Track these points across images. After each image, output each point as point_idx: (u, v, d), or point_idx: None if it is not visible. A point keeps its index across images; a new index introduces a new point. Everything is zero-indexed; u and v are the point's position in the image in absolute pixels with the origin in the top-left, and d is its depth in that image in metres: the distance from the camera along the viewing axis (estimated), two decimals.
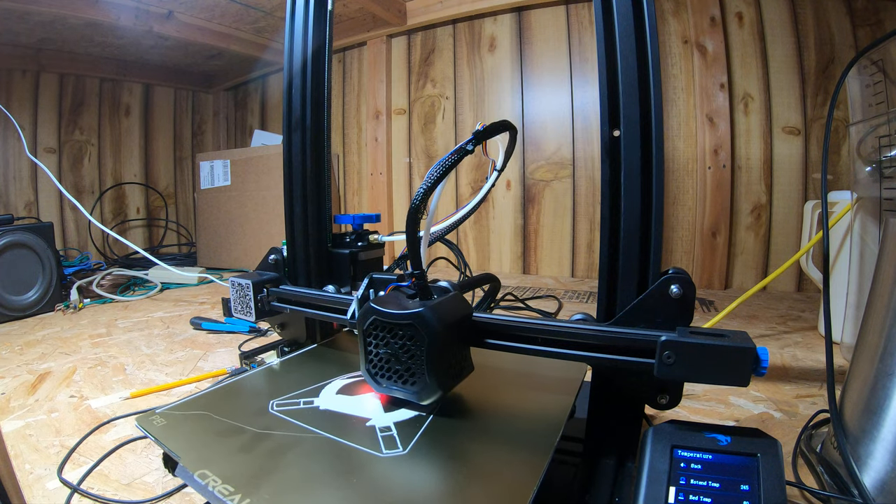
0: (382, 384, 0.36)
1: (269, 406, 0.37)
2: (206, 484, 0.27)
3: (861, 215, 0.66)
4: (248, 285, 0.51)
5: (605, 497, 0.32)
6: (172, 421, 0.35)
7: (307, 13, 0.51)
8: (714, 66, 1.20)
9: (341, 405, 0.37)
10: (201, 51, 1.72)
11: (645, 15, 0.32)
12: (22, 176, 1.60)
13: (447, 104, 1.56)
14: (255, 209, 1.55)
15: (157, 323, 0.96)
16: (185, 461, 0.30)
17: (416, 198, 0.34)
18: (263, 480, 0.28)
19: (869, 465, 0.35)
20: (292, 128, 0.52)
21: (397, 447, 0.31)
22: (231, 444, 0.32)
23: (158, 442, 0.32)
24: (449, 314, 0.34)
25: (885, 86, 0.53)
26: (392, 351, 0.34)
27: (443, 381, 0.34)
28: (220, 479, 0.28)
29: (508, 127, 0.39)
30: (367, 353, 0.36)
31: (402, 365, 0.34)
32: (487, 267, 1.54)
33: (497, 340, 0.37)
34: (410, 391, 0.34)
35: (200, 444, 0.32)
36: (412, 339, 0.33)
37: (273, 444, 0.32)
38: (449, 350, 0.34)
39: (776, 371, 0.67)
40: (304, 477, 0.29)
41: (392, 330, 0.34)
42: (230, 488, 0.27)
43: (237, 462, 0.30)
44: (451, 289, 0.37)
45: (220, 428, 0.34)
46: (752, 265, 1.22)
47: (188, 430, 0.34)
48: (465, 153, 0.34)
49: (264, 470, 0.29)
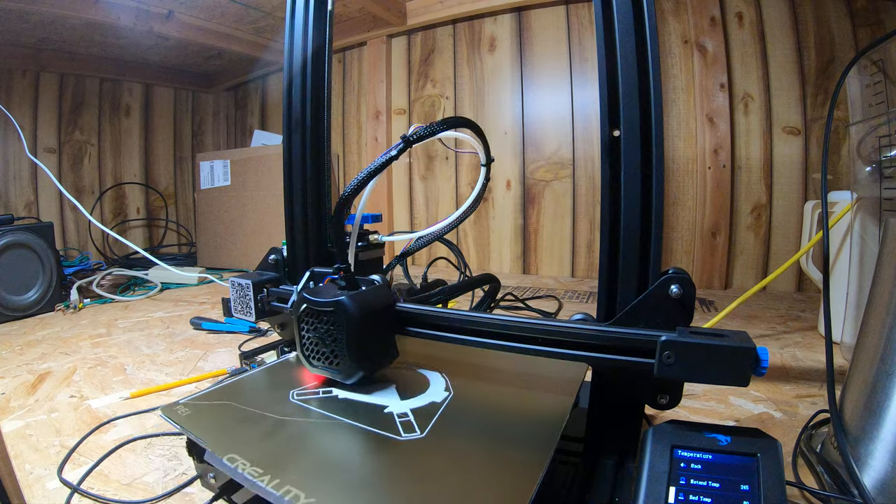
0: (314, 365, 0.39)
1: (290, 395, 0.39)
2: (235, 467, 0.29)
3: (861, 215, 0.66)
4: (248, 285, 0.51)
5: (605, 497, 0.32)
6: (196, 410, 0.36)
7: (307, 13, 0.51)
8: (714, 66, 1.20)
9: (359, 394, 0.39)
10: (201, 51, 1.72)
11: (645, 15, 0.32)
12: (22, 176, 1.60)
13: (447, 104, 1.56)
14: (255, 209, 1.55)
15: (157, 323, 0.95)
16: (213, 447, 0.31)
17: (342, 196, 0.38)
18: (289, 463, 0.29)
19: (869, 465, 0.35)
20: (292, 128, 0.52)
21: (415, 431, 0.33)
22: (255, 430, 0.33)
23: (185, 430, 0.33)
24: (369, 303, 0.37)
25: (885, 86, 0.53)
26: (319, 335, 0.37)
27: (363, 363, 0.37)
28: (248, 463, 0.29)
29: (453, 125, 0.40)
30: (301, 337, 0.39)
31: (328, 348, 0.37)
32: (487, 267, 1.54)
33: (421, 329, 0.40)
34: (335, 371, 0.37)
35: (225, 432, 0.33)
36: (334, 325, 0.36)
37: (295, 430, 0.33)
38: (368, 335, 0.37)
39: (776, 371, 0.67)
40: (328, 459, 0.30)
41: (319, 316, 0.37)
42: (259, 470, 0.28)
43: (262, 447, 0.31)
44: (379, 282, 0.41)
45: (242, 416, 0.36)
46: (752, 265, 1.22)
47: (212, 418, 0.35)
48: (391, 159, 0.38)
49: (289, 453, 0.30)
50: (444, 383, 0.40)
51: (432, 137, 0.40)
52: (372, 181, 0.39)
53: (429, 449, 0.31)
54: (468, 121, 0.43)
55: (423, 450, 0.31)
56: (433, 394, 0.38)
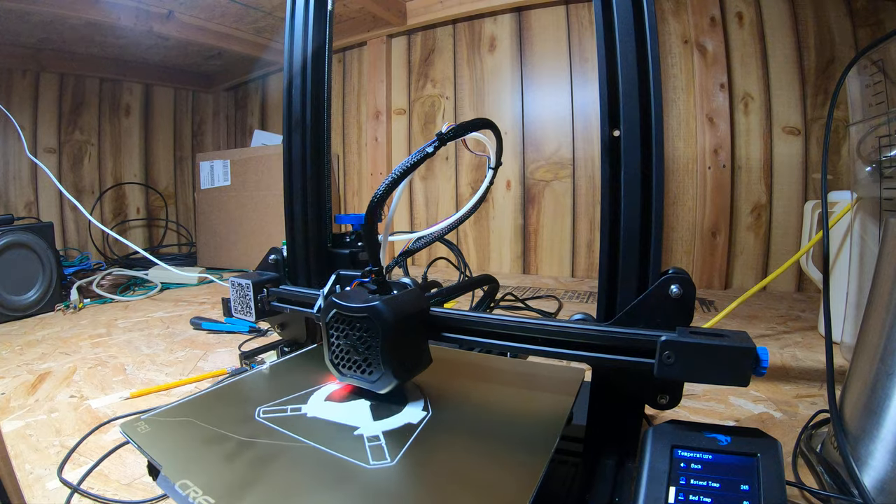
0: (344, 374, 0.37)
1: (256, 413, 0.36)
2: (186, 495, 0.27)
3: (861, 215, 0.66)
4: (248, 285, 0.51)
5: (605, 497, 0.32)
6: (157, 427, 0.34)
7: (307, 13, 0.51)
8: (714, 66, 1.20)
9: (329, 412, 0.37)
10: (201, 51, 1.72)
11: (645, 15, 0.32)
12: (22, 176, 1.60)
13: (447, 104, 1.56)
14: (255, 209, 1.55)
15: (157, 323, 0.96)
16: (167, 470, 0.29)
17: (374, 196, 0.36)
18: (246, 491, 0.27)
19: (869, 465, 0.35)
20: (292, 128, 0.52)
21: (385, 458, 0.30)
22: (215, 452, 0.31)
23: (141, 449, 0.31)
24: (403, 308, 0.36)
25: (885, 86, 0.53)
26: (351, 342, 0.36)
27: (398, 371, 0.35)
28: (201, 490, 0.27)
29: (481, 125, 0.40)
30: (330, 344, 0.37)
31: (360, 355, 0.36)
32: (487, 267, 1.54)
33: (455, 335, 0.38)
34: (368, 380, 0.36)
35: (184, 452, 0.31)
36: (368, 331, 0.35)
37: (258, 453, 0.31)
38: (403, 342, 0.36)
39: (776, 371, 0.67)
40: (288, 488, 0.28)
41: (351, 322, 0.36)
42: (210, 500, 0.26)
43: (220, 471, 0.29)
44: (411, 285, 0.39)
45: (204, 435, 0.33)
46: (752, 265, 1.22)
47: (173, 437, 0.33)
48: (426, 156, 0.36)
49: (247, 480, 0.29)
50: (422, 402, 0.38)
51: (464, 136, 0.39)
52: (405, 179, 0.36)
53: (397, 478, 0.29)
54: (493, 123, 0.42)
55: (392, 479, 0.29)
56: (409, 414, 0.36)
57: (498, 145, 0.46)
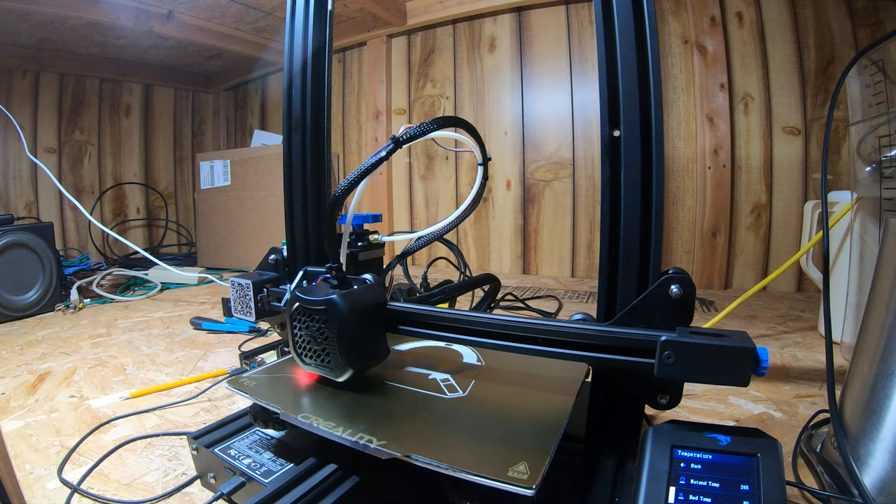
0: (306, 363, 0.40)
1: None
2: (310, 422, 0.34)
3: (861, 215, 0.66)
4: (248, 285, 0.51)
5: (605, 497, 0.32)
6: (260, 382, 0.41)
7: (307, 13, 0.51)
8: (714, 66, 1.20)
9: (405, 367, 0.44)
10: (201, 51, 1.72)
11: (645, 15, 0.32)
12: (22, 176, 1.60)
13: (447, 104, 1.56)
14: (255, 209, 1.55)
15: (157, 323, 0.96)
16: (285, 410, 0.36)
17: (333, 195, 0.39)
18: (357, 417, 0.34)
19: (869, 465, 0.35)
20: (292, 128, 0.52)
21: (458, 391, 0.39)
22: (319, 396, 0.38)
23: (255, 398, 0.38)
24: (360, 302, 0.38)
25: (885, 86, 0.53)
26: (311, 333, 0.38)
27: (353, 361, 0.37)
28: (320, 419, 0.34)
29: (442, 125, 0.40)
30: (293, 335, 0.40)
31: (319, 346, 0.38)
32: (487, 267, 1.54)
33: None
34: (326, 369, 0.38)
35: (291, 399, 0.38)
36: (325, 323, 0.37)
37: (354, 395, 0.38)
38: (359, 334, 0.38)
39: (776, 371, 0.67)
40: (388, 414, 0.35)
41: (311, 315, 0.38)
42: (332, 423, 0.33)
43: (328, 407, 0.36)
44: (370, 281, 0.42)
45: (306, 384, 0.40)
46: (752, 265, 1.22)
47: (276, 388, 0.40)
48: (381, 160, 0.38)
49: (353, 411, 0.36)
50: (475, 356, 0.47)
51: (423, 138, 0.40)
52: (362, 182, 0.39)
53: (471, 405, 0.37)
54: (459, 119, 0.43)
55: (466, 406, 0.37)
56: (468, 362, 0.45)
57: (477, 141, 0.46)
